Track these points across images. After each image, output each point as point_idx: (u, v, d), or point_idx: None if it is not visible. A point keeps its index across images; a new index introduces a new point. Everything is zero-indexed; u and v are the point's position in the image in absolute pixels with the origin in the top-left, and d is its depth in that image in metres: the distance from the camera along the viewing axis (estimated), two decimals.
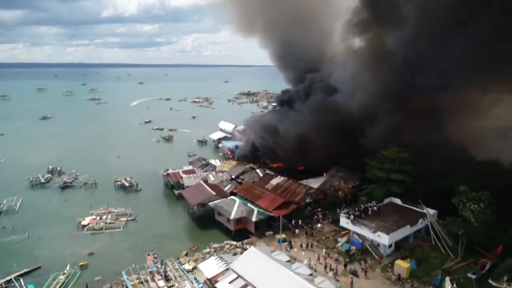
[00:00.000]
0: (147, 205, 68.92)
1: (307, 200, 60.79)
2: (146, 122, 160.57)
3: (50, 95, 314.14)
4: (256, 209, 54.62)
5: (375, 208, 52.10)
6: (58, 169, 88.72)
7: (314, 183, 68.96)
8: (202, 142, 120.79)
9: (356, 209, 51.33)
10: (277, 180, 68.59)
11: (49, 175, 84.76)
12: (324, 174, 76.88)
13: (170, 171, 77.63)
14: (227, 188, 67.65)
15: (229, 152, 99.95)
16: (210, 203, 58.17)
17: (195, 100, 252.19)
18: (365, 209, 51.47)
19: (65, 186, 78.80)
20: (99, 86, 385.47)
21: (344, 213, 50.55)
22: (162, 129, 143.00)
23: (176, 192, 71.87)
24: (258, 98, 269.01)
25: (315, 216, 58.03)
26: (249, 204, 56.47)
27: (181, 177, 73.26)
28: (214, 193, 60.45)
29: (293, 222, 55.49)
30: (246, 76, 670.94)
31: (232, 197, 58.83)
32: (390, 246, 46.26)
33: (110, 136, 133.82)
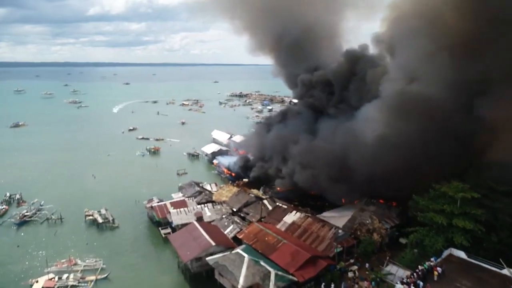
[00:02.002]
0: (125, 251, 53.15)
1: (336, 249, 46.07)
2: (130, 130, 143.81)
3: (27, 97, 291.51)
4: (273, 271, 39.60)
5: (438, 269, 37.82)
6: (18, 197, 72.12)
7: (337, 219, 54.42)
8: (194, 156, 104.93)
9: (415, 273, 36.95)
10: (292, 217, 53.80)
11: (4, 206, 68.01)
12: (343, 201, 62.60)
13: (155, 202, 62.06)
14: (228, 230, 52.42)
15: (226, 171, 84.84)
16: (208, 259, 42.98)
17: (184, 103, 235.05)
18: (427, 272, 37.19)
19: (22, 222, 62.58)
20: (82, 87, 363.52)
21: (402, 282, 36.03)
22: (147, 139, 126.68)
23: (163, 232, 56.35)
24: (251, 100, 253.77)
25: (353, 274, 43.13)
26: (262, 262, 41.36)
27: (169, 212, 57.86)
28: (213, 243, 45.03)
29: (322, 286, 40.76)
30: (236, 75, 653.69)
31: (239, 251, 43.35)
32: None
33: (88, 149, 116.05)
